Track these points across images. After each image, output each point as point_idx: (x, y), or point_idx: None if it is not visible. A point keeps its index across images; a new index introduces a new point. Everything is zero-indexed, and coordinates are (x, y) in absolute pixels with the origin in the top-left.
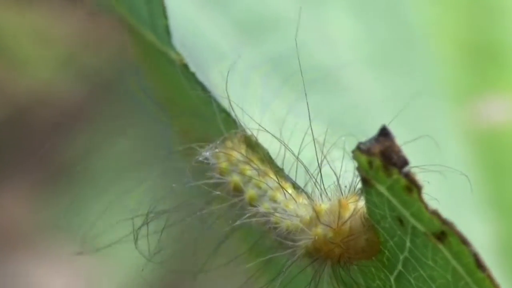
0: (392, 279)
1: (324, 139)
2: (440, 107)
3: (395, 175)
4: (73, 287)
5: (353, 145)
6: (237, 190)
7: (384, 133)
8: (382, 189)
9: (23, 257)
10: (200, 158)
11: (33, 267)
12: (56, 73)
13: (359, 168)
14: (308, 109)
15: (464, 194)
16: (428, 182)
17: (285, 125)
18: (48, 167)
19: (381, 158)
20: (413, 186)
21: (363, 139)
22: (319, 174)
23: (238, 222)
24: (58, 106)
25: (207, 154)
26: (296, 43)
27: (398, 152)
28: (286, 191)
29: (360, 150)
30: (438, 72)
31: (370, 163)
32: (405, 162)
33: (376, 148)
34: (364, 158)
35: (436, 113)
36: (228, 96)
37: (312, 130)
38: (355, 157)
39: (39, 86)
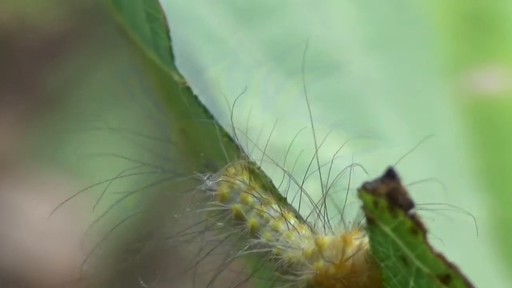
0: None
1: (330, 166)
2: (435, 78)
3: (401, 216)
4: (56, 214)
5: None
6: (239, 218)
7: (390, 174)
8: (387, 229)
9: (7, 184)
10: (202, 187)
11: (17, 195)
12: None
13: (364, 207)
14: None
15: (458, 167)
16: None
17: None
18: (33, 96)
19: (387, 199)
20: (418, 229)
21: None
22: (323, 205)
23: (239, 253)
24: (43, 34)
25: (209, 182)
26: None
27: (404, 194)
28: (289, 221)
29: (366, 190)
30: (434, 43)
31: (375, 203)
32: (411, 204)
33: (382, 189)
34: (369, 198)
35: (431, 85)
36: (232, 123)
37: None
38: (360, 196)
39: (23, 14)
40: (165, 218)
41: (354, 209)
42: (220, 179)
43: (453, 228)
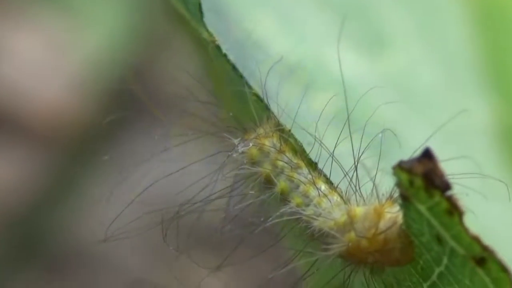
0: (425, 286)
1: (361, 137)
2: None
3: (437, 197)
4: (47, 52)
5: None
6: (268, 182)
7: (427, 154)
8: (422, 208)
9: None
10: (234, 154)
11: (9, 32)
12: None
13: (399, 185)
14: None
15: (466, 71)
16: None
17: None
18: None
19: (423, 179)
20: (454, 210)
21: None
22: (355, 173)
23: (270, 220)
24: None
25: (240, 146)
26: None
27: (441, 175)
28: (320, 187)
29: (402, 168)
30: None
31: (411, 182)
32: (447, 186)
33: (419, 169)
34: (405, 176)
35: None
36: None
37: (349, 127)
38: (395, 174)
39: None
40: (157, 56)
41: (386, 176)
42: (249, 142)
43: (462, 133)
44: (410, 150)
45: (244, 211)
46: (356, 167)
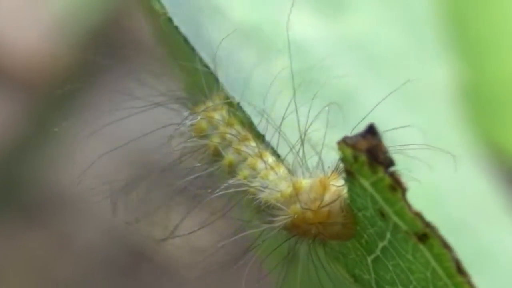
0: (369, 260)
1: (309, 110)
2: None
3: (380, 173)
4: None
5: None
6: (216, 155)
7: (371, 131)
8: (365, 183)
9: None
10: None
11: None
12: None
13: (343, 160)
14: (293, 78)
15: (429, 34)
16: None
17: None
18: None
19: (367, 155)
20: (397, 186)
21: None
22: (301, 146)
23: (217, 192)
24: None
25: (189, 118)
26: None
27: (384, 152)
28: (266, 159)
29: (346, 144)
30: None
31: (355, 157)
32: (391, 162)
33: (363, 145)
34: (349, 151)
35: None
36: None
37: (295, 101)
38: (340, 149)
39: None
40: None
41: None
42: (198, 115)
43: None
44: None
45: (192, 183)
46: (302, 140)
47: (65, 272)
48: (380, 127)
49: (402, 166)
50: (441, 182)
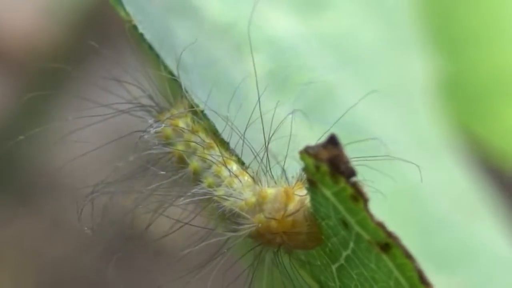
0: (334, 268)
1: (273, 116)
2: None
3: (342, 183)
4: None
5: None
6: (181, 162)
7: (332, 141)
8: (328, 193)
9: None
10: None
11: None
12: None
13: (305, 170)
14: (257, 83)
15: (407, 28)
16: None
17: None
18: None
19: (329, 165)
20: (359, 196)
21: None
22: (265, 154)
23: (182, 200)
24: None
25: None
26: None
27: (346, 162)
28: (231, 167)
29: (308, 153)
30: None
31: (317, 167)
32: (352, 172)
33: (324, 155)
34: (311, 161)
35: None
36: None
37: (260, 107)
38: (302, 158)
39: None
40: None
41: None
42: (162, 122)
43: (401, 89)
44: (348, 112)
45: (156, 191)
46: (266, 148)
47: (57, 254)
48: (359, 123)
49: (366, 176)
50: (421, 178)
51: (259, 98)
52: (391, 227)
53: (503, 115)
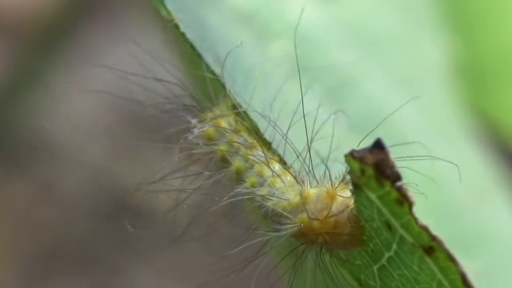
0: (375, 268)
1: (315, 117)
2: None
3: (387, 187)
4: None
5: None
6: (224, 161)
7: (378, 145)
8: (372, 196)
9: None
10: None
11: None
12: None
13: (351, 173)
14: (300, 85)
15: (423, 11)
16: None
17: (275, 103)
18: None
19: (374, 169)
20: (404, 200)
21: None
22: (308, 154)
23: (224, 200)
24: None
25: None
26: None
27: (391, 166)
28: (273, 167)
29: (353, 157)
30: None
31: (362, 171)
32: (398, 177)
33: (370, 159)
34: (356, 165)
35: None
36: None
37: (303, 108)
38: (347, 162)
39: None
40: None
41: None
42: (206, 122)
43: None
44: (368, 96)
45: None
46: (309, 148)
47: (48, 218)
48: (379, 109)
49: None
50: (439, 165)
51: (302, 100)
52: None
53: None
